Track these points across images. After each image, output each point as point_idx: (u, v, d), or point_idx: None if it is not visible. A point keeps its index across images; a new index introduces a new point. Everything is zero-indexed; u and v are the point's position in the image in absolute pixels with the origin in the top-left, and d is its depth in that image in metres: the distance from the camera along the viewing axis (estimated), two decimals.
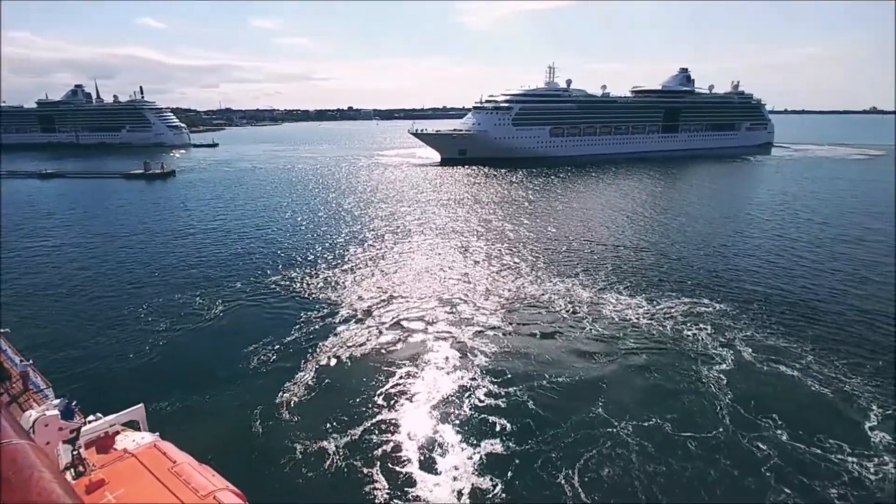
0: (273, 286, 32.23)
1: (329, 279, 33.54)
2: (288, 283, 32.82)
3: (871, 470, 15.90)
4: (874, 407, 19.11)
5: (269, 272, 35.04)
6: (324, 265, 36.69)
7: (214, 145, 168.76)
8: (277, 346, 23.93)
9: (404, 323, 26.76)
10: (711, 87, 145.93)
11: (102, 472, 8.28)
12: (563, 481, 15.54)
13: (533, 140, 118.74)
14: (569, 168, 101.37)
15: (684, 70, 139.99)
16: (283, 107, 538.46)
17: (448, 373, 21.85)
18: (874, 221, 50.79)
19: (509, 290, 31.50)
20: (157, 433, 10.17)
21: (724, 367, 21.99)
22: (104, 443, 9.75)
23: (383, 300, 29.86)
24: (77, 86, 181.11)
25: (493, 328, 26.12)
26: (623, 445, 17.06)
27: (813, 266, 36.73)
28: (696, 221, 52.20)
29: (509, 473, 15.89)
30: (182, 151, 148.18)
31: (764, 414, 18.58)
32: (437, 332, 25.79)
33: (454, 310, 28.54)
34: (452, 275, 34.72)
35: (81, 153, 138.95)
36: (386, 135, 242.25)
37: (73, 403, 9.55)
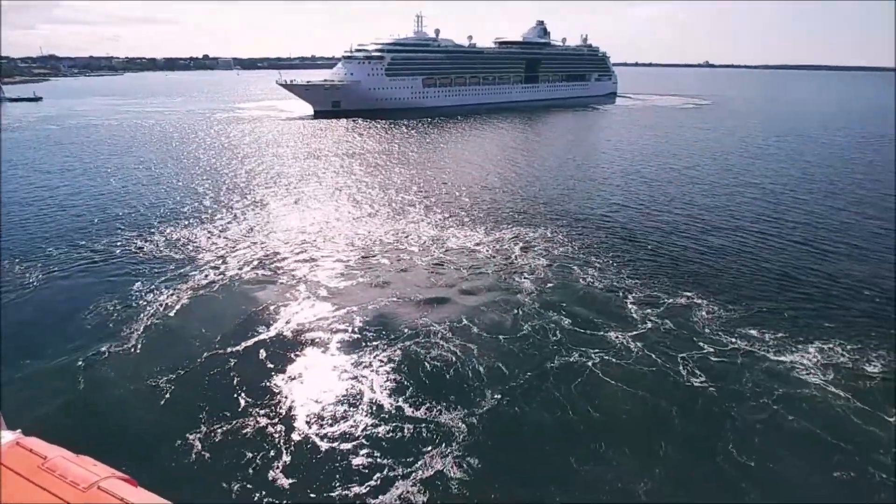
0: (108, 251, 30.30)
1: (173, 238, 32.36)
2: (125, 246, 31.06)
3: (628, 336, 20.87)
4: (637, 293, 24.61)
5: (103, 238, 32.59)
6: (168, 225, 35.12)
7: (37, 99, 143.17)
8: (116, 305, 23.04)
9: (251, 268, 27.32)
10: (564, 39, 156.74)
11: None
12: (370, 373, 18.29)
13: (406, 90, 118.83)
14: (442, 118, 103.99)
15: (541, 22, 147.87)
16: (125, 54, 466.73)
17: (287, 305, 23.22)
18: (677, 161, 60.92)
19: (364, 232, 33.32)
20: (20, 430, 9.56)
21: (533, 276, 26.27)
22: None
23: (232, 251, 29.93)
24: None
25: (342, 262, 27.90)
26: (437, 341, 20.17)
27: (624, 197, 43.86)
28: (544, 163, 58.28)
29: (327, 380, 18.19)
30: None
31: (556, 307, 23.06)
32: (285, 272, 26.90)
33: (305, 252, 29.66)
34: (312, 221, 35.53)
35: None
36: (248, 86, 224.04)
37: None
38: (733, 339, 20.70)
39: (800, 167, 56.31)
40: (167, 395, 17.22)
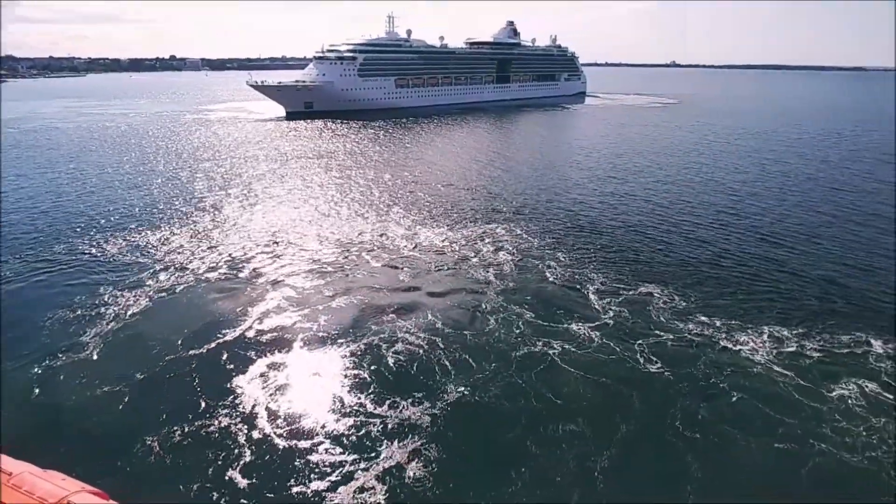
0: (65, 257, 29.58)
1: (134, 243, 31.74)
2: (83, 252, 30.32)
3: (589, 327, 21.49)
4: (599, 286, 25.38)
5: (60, 244, 31.70)
6: (129, 230, 34.50)
7: None
8: (74, 313, 22.57)
9: (215, 270, 27.14)
10: (534, 40, 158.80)
11: None
12: (334, 371, 18.57)
13: (379, 91, 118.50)
14: (414, 118, 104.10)
15: (511, 23, 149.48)
16: (90, 54, 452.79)
17: (252, 307, 23.16)
18: (642, 159, 62.59)
19: (332, 233, 33.40)
20: None
21: (500, 271, 26.84)
22: None
23: (196, 254, 29.61)
24: None
25: (309, 263, 27.90)
26: (403, 336, 20.46)
27: (590, 194, 44.96)
28: (514, 162, 59.14)
29: (290, 380, 18.38)
30: None
31: (521, 301, 23.53)
32: (251, 273, 26.80)
33: (272, 254, 29.56)
34: (280, 223, 35.36)
35: None
36: (217, 88, 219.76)
37: None
38: (689, 327, 21.58)
39: (757, 163, 58.55)
40: (129, 402, 16.97)
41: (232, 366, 18.81)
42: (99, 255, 29.34)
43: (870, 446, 15.08)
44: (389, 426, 15.80)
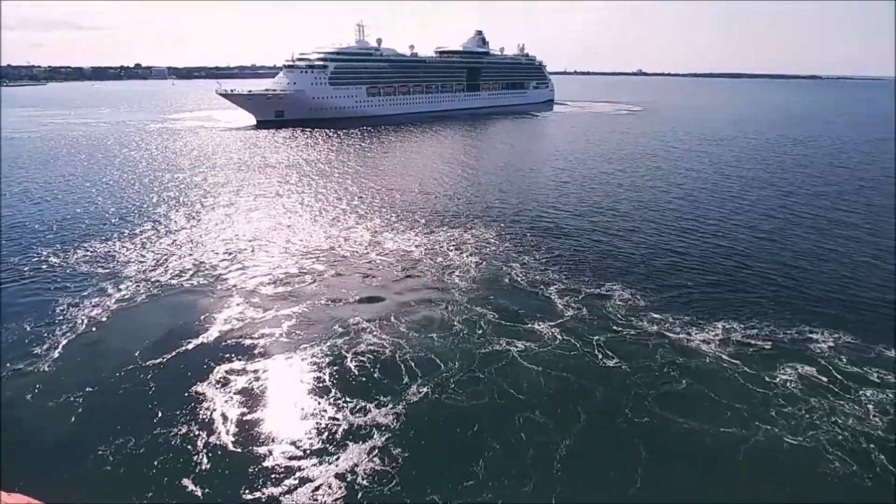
0: (21, 269, 28.93)
1: (96, 254, 31.10)
2: (41, 264, 29.66)
3: (550, 325, 22.12)
4: (561, 286, 26.16)
5: (14, 256, 30.93)
6: (91, 241, 33.78)
7: None
8: (30, 325, 22.08)
9: (179, 280, 26.88)
10: (502, 49, 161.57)
11: None
12: (298, 375, 18.77)
13: (351, 99, 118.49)
14: (385, 126, 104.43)
15: (479, 32, 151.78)
16: (50, 62, 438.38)
17: (217, 314, 23.08)
18: (607, 165, 64.38)
19: (300, 240, 33.44)
20: None
21: (465, 274, 27.36)
22: None
23: (160, 264, 29.24)
24: None
25: (275, 270, 27.94)
26: (367, 338, 20.82)
27: (555, 199, 46.05)
28: (483, 168, 60.07)
29: (251, 386, 18.42)
30: None
31: (485, 303, 24.08)
32: (215, 282, 26.67)
33: (237, 262, 29.50)
34: (247, 232, 35.21)
35: None
36: (183, 97, 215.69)
37: None
38: (645, 323, 22.44)
39: (717, 167, 60.92)
40: (89, 415, 16.67)
41: (191, 374, 18.67)
42: (60, 265, 28.58)
43: (811, 426, 16.07)
44: (352, 427, 15.98)
